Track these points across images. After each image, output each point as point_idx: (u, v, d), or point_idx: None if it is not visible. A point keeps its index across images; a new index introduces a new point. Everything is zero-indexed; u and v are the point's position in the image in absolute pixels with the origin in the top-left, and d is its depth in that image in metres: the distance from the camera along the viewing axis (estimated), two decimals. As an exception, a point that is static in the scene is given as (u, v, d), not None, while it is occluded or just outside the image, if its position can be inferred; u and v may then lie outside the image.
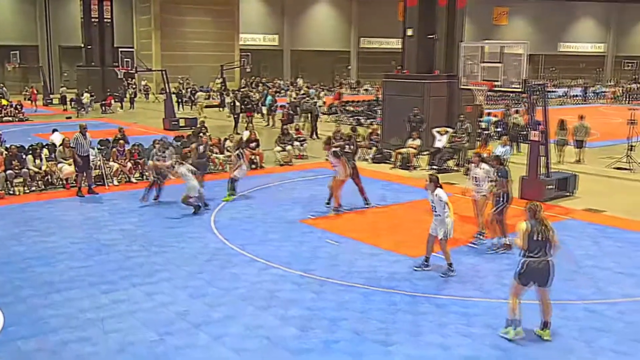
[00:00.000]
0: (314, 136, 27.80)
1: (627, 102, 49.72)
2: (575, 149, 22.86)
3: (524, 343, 8.32)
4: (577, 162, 22.43)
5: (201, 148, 17.19)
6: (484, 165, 12.55)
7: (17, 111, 34.83)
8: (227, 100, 39.96)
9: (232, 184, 16.55)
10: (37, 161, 17.77)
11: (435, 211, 10.83)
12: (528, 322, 8.59)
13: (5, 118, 33.68)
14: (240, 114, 30.52)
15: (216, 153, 20.29)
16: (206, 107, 40.47)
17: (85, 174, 16.61)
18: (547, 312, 8.48)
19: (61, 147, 18.32)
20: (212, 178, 18.94)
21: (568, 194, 17.01)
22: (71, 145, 16.77)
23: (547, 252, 8.33)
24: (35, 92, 41.60)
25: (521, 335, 8.34)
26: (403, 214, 15.08)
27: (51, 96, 42.66)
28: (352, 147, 16.40)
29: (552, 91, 49.97)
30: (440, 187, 10.94)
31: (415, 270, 11.03)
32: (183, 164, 14.90)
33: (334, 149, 15.02)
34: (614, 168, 21.18)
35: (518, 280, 8.39)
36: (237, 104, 30.89)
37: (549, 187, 16.45)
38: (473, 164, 12.93)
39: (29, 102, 39.86)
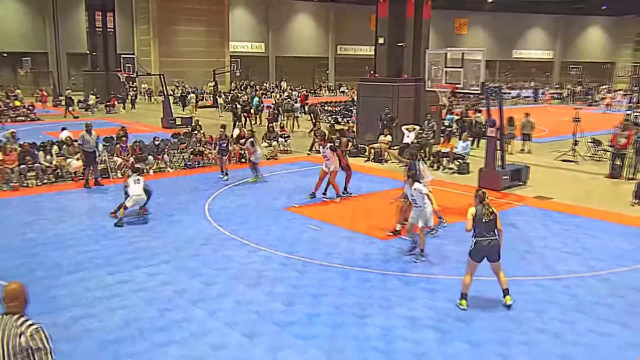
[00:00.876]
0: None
1: (572, 102, 50.15)
2: (522, 141, 23.70)
3: (483, 315, 8.41)
4: (522, 151, 23.20)
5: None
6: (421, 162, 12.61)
7: (29, 111, 34.46)
8: (220, 101, 39.84)
9: (254, 167, 17.14)
10: (48, 157, 17.63)
11: (416, 204, 10.73)
12: (493, 294, 8.69)
13: (18, 118, 33.28)
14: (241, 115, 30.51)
15: (209, 149, 20.22)
16: (200, 107, 40.30)
17: (91, 168, 16.50)
18: (502, 282, 8.69)
19: (65, 145, 18.19)
20: (206, 170, 18.92)
21: (521, 183, 17.14)
22: (78, 142, 16.68)
23: (494, 233, 8.49)
24: (45, 94, 41.19)
25: (464, 305, 8.57)
26: (376, 201, 15.12)
27: (60, 98, 42.25)
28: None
29: (507, 93, 50.31)
30: (418, 181, 10.91)
31: (415, 261, 10.72)
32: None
33: (330, 144, 15.04)
34: (561, 160, 21.38)
35: (472, 258, 8.58)
36: (239, 106, 30.54)
37: (504, 177, 16.57)
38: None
39: (40, 103, 39.38)
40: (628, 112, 31.07)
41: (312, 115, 30.34)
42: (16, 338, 4.40)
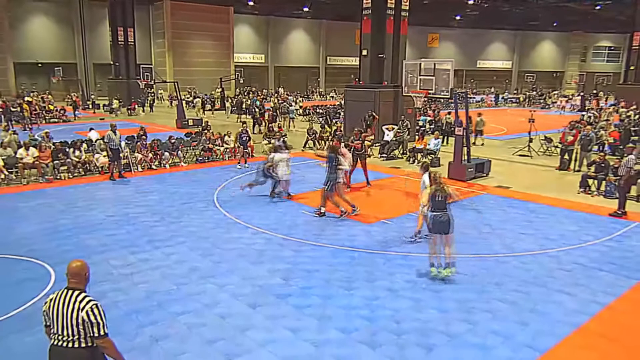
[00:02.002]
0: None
1: (528, 105, 50.26)
2: (475, 137, 24.19)
3: (451, 287, 8.47)
4: (474, 144, 23.14)
5: None
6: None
7: (61, 114, 34.18)
8: (227, 105, 39.60)
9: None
10: (77, 152, 17.49)
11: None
12: (460, 269, 8.75)
13: (52, 120, 33.03)
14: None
15: (218, 145, 20.18)
16: (209, 110, 40.14)
17: (116, 163, 16.44)
18: (448, 255, 8.71)
19: (97, 141, 18.12)
20: (215, 165, 18.89)
21: (484, 174, 17.22)
22: (104, 140, 16.62)
23: (446, 208, 8.59)
24: (80, 100, 40.75)
25: (434, 273, 8.73)
26: (360, 191, 15.15)
27: (87, 103, 41.97)
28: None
29: (472, 97, 50.36)
30: (427, 171, 10.91)
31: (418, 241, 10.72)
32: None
33: (345, 143, 15.01)
34: (518, 155, 21.48)
35: (432, 231, 8.74)
36: (257, 110, 29.66)
37: (470, 169, 16.65)
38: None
39: (71, 107, 38.99)
40: (583, 113, 31.23)
41: (327, 117, 29.63)
42: (78, 312, 4.42)
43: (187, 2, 49.88)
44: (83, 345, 4.49)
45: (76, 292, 4.55)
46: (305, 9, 55.74)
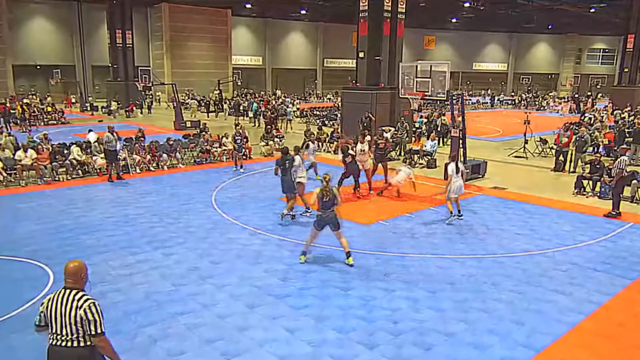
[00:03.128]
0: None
1: (524, 107, 50.39)
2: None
3: (448, 287, 8.49)
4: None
5: None
6: (297, 156, 12.38)
7: (59, 116, 34.08)
8: (225, 107, 39.52)
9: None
10: (79, 153, 17.44)
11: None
12: (456, 271, 8.75)
13: (51, 121, 32.95)
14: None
15: (216, 147, 20.19)
16: (212, 111, 40.10)
17: (113, 164, 16.42)
18: (345, 246, 9.41)
19: (96, 143, 18.10)
20: (213, 166, 18.89)
21: (480, 176, 17.25)
22: (103, 141, 16.61)
23: (332, 208, 9.21)
24: (72, 100, 40.53)
25: (309, 259, 9.48)
26: (355, 192, 15.15)
27: (86, 104, 41.91)
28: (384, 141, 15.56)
29: (468, 99, 50.46)
30: (454, 161, 12.33)
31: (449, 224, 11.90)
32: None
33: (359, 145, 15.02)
34: (514, 157, 21.53)
35: (315, 227, 9.35)
36: (269, 113, 28.70)
37: (466, 171, 16.65)
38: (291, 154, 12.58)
39: (68, 109, 38.94)
40: (586, 115, 31.41)
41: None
42: (77, 310, 4.48)
43: (185, 5, 49.82)
44: (82, 344, 4.52)
45: (74, 292, 4.58)
46: (303, 12, 55.76)
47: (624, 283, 8.75)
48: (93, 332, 4.50)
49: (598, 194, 14.77)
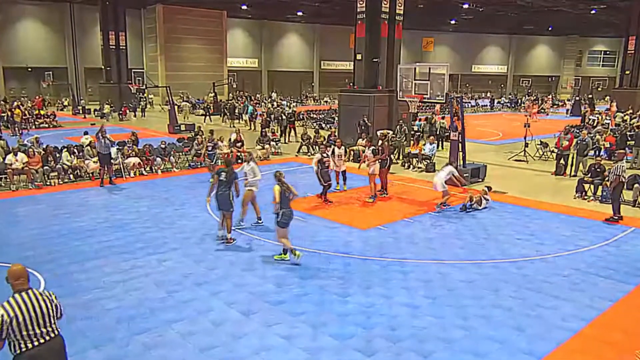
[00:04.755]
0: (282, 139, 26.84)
1: (523, 109, 50.45)
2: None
3: (448, 293, 8.49)
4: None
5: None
6: (251, 163, 12.12)
7: (51, 119, 33.96)
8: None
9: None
10: (71, 156, 17.40)
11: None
12: (457, 276, 8.73)
13: (42, 125, 32.86)
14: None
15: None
16: (203, 114, 40.09)
17: (106, 168, 16.38)
18: (290, 246, 9.73)
19: (88, 147, 18.06)
20: (207, 170, 18.84)
21: (479, 179, 17.28)
22: (96, 144, 16.57)
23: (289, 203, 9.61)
24: (41, 101, 39.59)
25: (301, 255, 9.65)
26: (354, 196, 15.17)
27: (78, 107, 41.86)
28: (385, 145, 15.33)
29: (467, 102, 50.54)
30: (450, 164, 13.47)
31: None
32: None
33: (372, 147, 14.98)
34: (514, 160, 21.57)
35: (282, 226, 9.59)
36: (284, 117, 28.02)
37: (465, 174, 16.67)
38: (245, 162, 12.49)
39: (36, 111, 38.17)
40: (592, 117, 31.51)
41: (278, 121, 28.20)
42: (52, 302, 4.88)
43: (179, 6, 49.85)
44: (57, 331, 4.94)
45: (31, 290, 4.85)
46: (299, 13, 55.86)
47: (626, 289, 8.76)
48: (59, 316, 4.97)
49: (599, 198, 14.80)
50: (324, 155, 14.52)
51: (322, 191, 14.45)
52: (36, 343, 4.74)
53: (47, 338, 4.80)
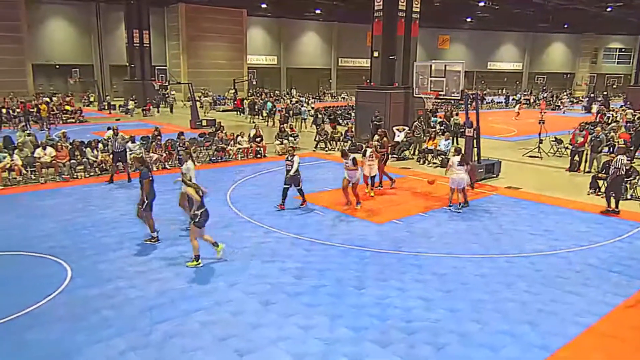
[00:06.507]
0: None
1: (537, 106, 49.81)
2: None
3: (462, 287, 8.42)
4: None
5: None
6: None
7: (77, 115, 34.36)
8: (245, 104, 39.47)
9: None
10: (95, 151, 17.59)
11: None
12: (471, 270, 8.66)
13: (69, 120, 33.27)
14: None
15: (231, 146, 20.26)
16: (223, 111, 40.32)
17: (118, 165, 16.41)
18: (209, 240, 9.52)
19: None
20: (228, 165, 18.94)
21: (494, 175, 17.11)
22: (107, 142, 16.71)
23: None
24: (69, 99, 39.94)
25: (222, 247, 9.50)
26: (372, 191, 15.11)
27: (103, 103, 42.29)
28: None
29: (482, 99, 50.00)
30: (458, 154, 12.96)
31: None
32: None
33: (369, 149, 14.67)
34: (528, 156, 21.33)
35: (197, 225, 9.22)
36: (320, 115, 27.51)
37: (480, 170, 16.55)
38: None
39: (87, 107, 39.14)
40: (608, 115, 31.04)
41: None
42: None
43: (201, 5, 50.05)
44: None
45: None
46: (318, 11, 55.72)
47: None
48: None
49: (613, 194, 14.53)
50: (347, 163, 13.02)
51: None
52: None
53: None
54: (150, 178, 10.56)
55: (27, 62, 44.30)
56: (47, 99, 36.56)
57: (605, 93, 49.22)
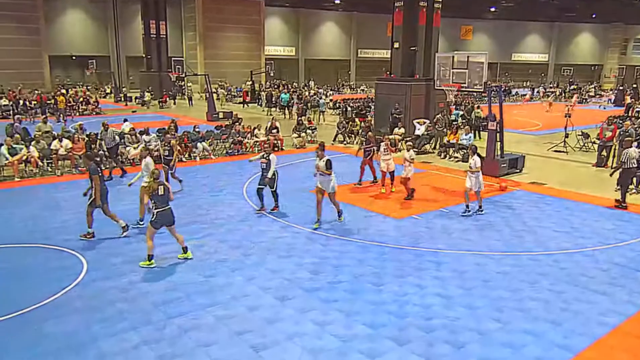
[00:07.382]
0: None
1: (564, 99, 49.13)
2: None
3: (482, 284, 8.36)
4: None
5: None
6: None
7: (94, 107, 34.75)
8: (263, 96, 39.56)
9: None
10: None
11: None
12: (492, 267, 8.60)
13: (85, 112, 33.67)
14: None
15: (248, 138, 20.34)
16: (241, 103, 40.49)
17: (110, 161, 16.55)
18: (181, 241, 9.32)
19: (127, 134, 18.38)
20: (245, 157, 19.00)
21: (517, 170, 16.95)
22: (98, 137, 16.80)
23: (167, 203, 9.05)
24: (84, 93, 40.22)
25: (153, 264, 8.98)
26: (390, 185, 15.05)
27: (120, 95, 42.73)
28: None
29: (506, 91, 49.42)
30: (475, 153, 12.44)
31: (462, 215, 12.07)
32: None
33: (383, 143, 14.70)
34: (554, 151, 21.06)
35: (153, 225, 9.01)
36: (349, 108, 27.42)
37: (503, 165, 16.40)
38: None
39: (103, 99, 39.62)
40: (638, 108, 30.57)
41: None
42: None
43: (218, -5, 50.29)
44: None
45: None
46: (337, 1, 55.52)
47: (669, 284, 8.48)
48: None
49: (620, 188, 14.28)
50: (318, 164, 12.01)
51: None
52: None
53: None
54: (100, 174, 10.51)
55: (44, 54, 44.98)
56: (64, 91, 37.05)
57: (635, 85, 48.28)
